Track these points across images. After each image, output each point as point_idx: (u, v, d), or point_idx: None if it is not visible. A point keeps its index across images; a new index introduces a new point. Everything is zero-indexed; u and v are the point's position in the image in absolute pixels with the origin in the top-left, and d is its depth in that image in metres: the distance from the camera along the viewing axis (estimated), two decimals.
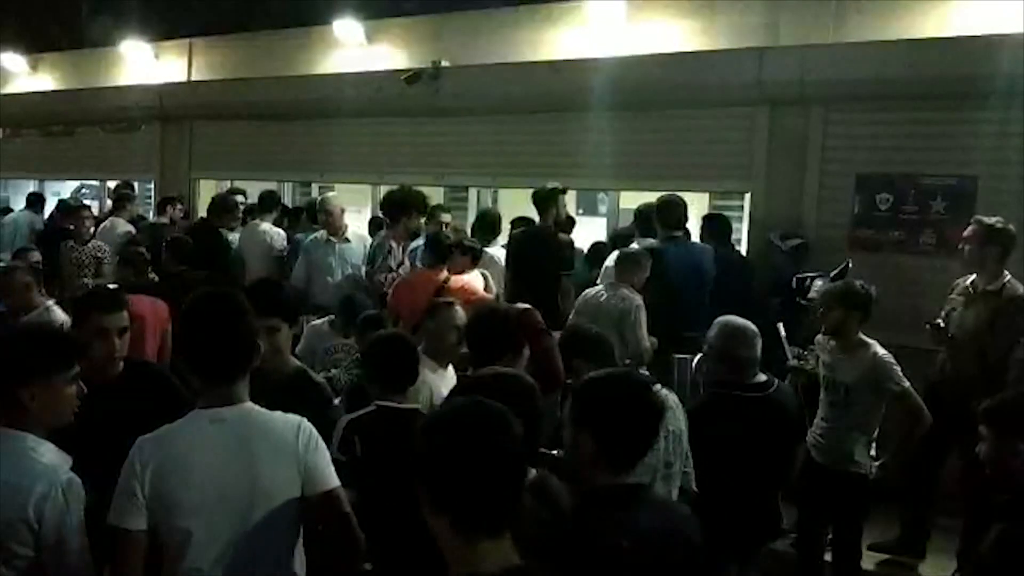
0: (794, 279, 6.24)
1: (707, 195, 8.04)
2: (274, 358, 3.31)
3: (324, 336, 5.71)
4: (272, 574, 2.47)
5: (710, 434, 3.67)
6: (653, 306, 5.70)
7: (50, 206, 11.07)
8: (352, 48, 10.01)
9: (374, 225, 7.81)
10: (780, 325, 5.46)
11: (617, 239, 6.97)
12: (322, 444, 2.52)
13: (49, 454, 2.40)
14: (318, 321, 5.90)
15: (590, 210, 10.24)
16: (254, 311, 2.56)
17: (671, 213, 6.19)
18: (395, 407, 3.39)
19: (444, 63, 8.76)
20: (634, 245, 6.34)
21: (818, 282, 6.01)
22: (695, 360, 5.29)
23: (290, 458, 2.43)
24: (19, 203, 11.19)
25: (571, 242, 6.55)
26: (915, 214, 6.60)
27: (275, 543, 2.45)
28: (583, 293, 5.81)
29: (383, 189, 8.58)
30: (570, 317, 5.58)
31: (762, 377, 3.85)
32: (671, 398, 3.54)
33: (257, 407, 2.50)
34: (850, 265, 6.06)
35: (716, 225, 6.73)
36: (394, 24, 9.91)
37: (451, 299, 4.53)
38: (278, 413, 2.51)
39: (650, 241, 6.34)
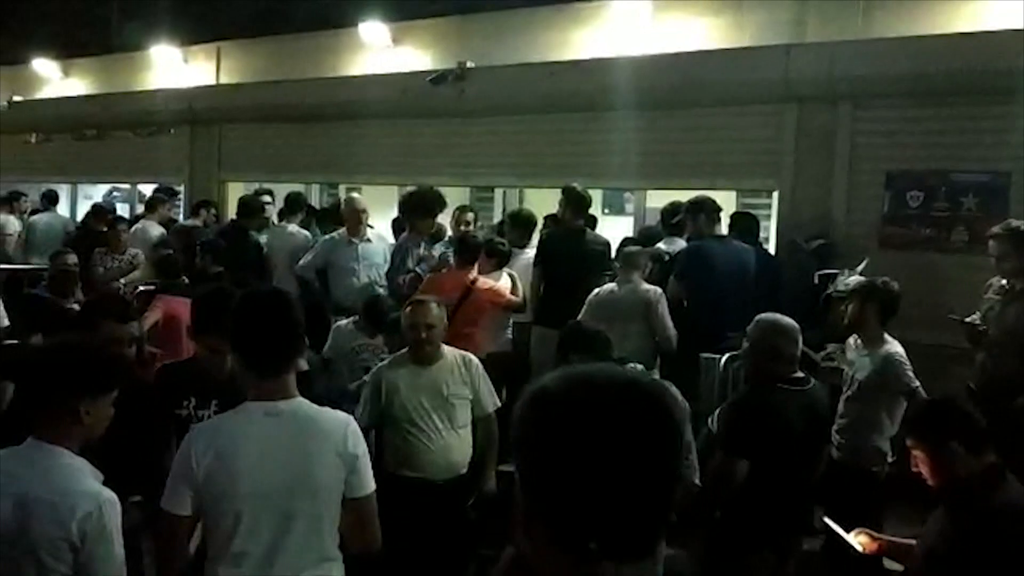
0: (817, 276, 6.19)
1: (734, 194, 8.00)
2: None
3: (350, 336, 5.78)
4: (315, 564, 2.55)
5: (751, 426, 3.67)
6: (693, 304, 5.68)
7: (84, 209, 11.23)
8: (378, 50, 10.07)
9: (397, 226, 7.83)
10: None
11: (644, 239, 6.95)
12: (364, 443, 2.61)
13: (86, 470, 2.42)
14: (343, 322, 5.96)
15: (616, 209, 10.22)
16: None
17: (710, 211, 6.14)
18: None
19: (469, 64, 8.78)
20: (661, 244, 6.34)
21: (841, 278, 5.96)
22: (723, 360, 5.28)
23: (338, 455, 2.53)
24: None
25: (605, 241, 6.54)
26: (946, 211, 6.53)
27: (320, 535, 2.55)
28: (594, 291, 5.80)
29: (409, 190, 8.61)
30: (580, 315, 5.56)
31: (800, 374, 3.86)
32: (669, 390, 3.55)
33: (308, 402, 2.59)
34: (867, 261, 5.98)
35: (745, 224, 6.68)
36: (419, 25, 9.96)
37: (424, 297, 4.57)
38: (327, 409, 2.61)
39: (678, 240, 6.32)
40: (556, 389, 1.14)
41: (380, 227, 7.69)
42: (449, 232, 7.39)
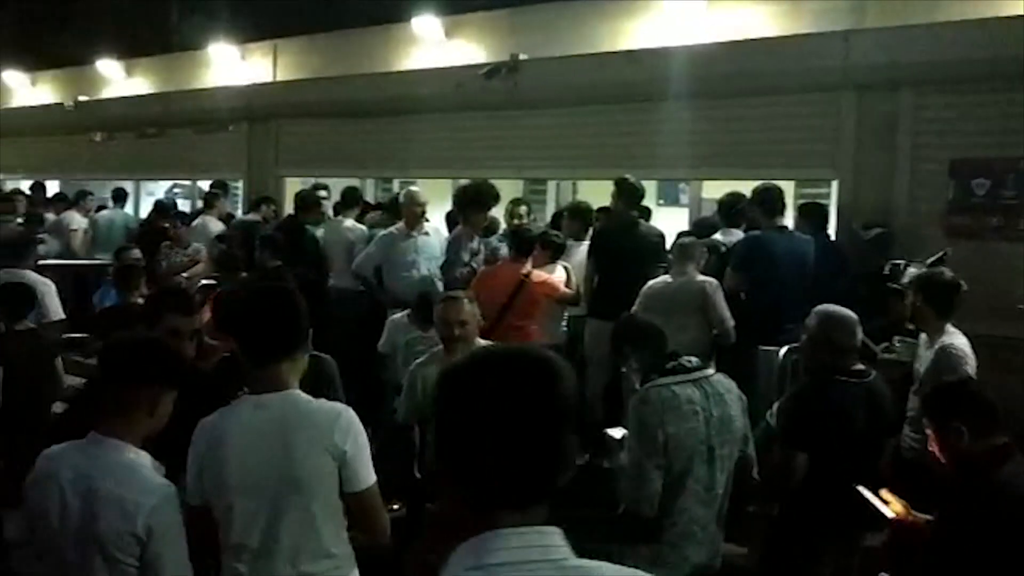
0: (888, 265, 6.05)
1: (792, 184, 7.86)
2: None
3: (404, 329, 5.86)
4: (314, 559, 2.56)
5: (809, 420, 3.63)
6: (753, 295, 5.61)
7: (146, 206, 11.50)
8: (431, 44, 10.12)
9: (450, 220, 7.87)
10: None
11: (700, 230, 6.87)
12: (361, 436, 2.57)
13: (149, 464, 2.47)
14: (398, 315, 6.02)
15: (671, 200, 10.13)
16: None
17: (773, 201, 6.04)
18: None
19: (522, 56, 8.77)
20: (717, 236, 6.26)
21: (911, 269, 5.81)
22: (782, 352, 5.20)
23: (325, 447, 2.50)
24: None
25: (660, 232, 6.49)
26: (1015, 199, 6.33)
27: (315, 530, 2.54)
28: (648, 283, 5.75)
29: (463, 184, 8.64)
30: (634, 307, 5.52)
31: (860, 366, 3.79)
32: (723, 383, 3.53)
33: (303, 395, 2.59)
34: (948, 253, 5.84)
35: (814, 214, 6.55)
36: (472, 19, 9.98)
37: (456, 293, 4.57)
38: (322, 401, 2.61)
39: (735, 232, 6.24)
40: (459, 366, 1.34)
41: (434, 220, 7.73)
42: (503, 225, 7.41)
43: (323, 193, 8.88)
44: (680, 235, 6.83)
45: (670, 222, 7.89)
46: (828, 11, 7.40)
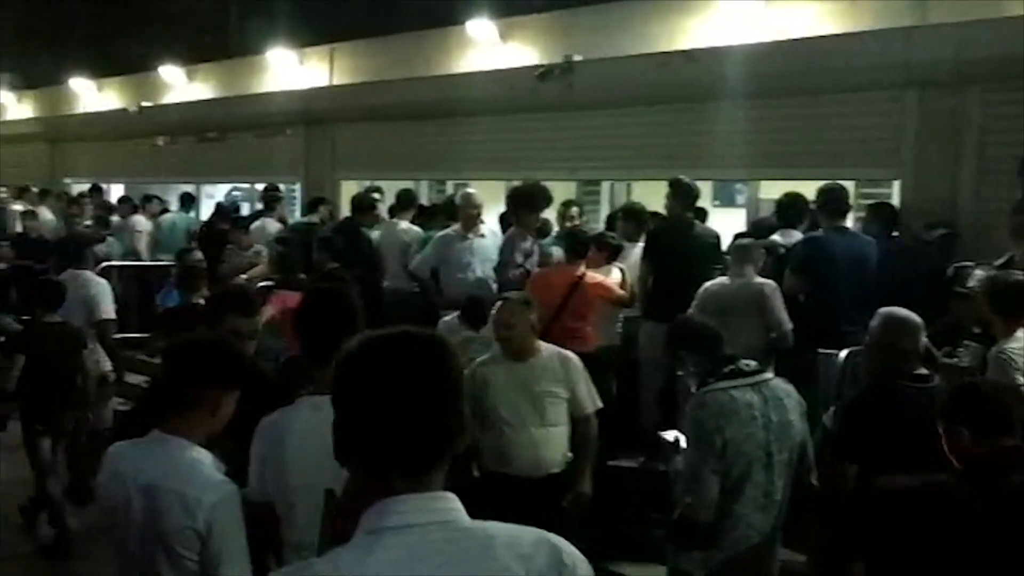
0: (952, 268, 5.90)
1: (852, 184, 7.71)
2: None
3: (455, 330, 5.89)
4: None
5: (862, 427, 3.55)
6: (812, 298, 5.52)
7: (206, 208, 11.75)
8: (486, 46, 10.15)
9: (503, 221, 7.88)
10: None
11: (757, 231, 6.77)
12: None
13: (211, 463, 2.51)
14: (448, 316, 6.08)
15: (726, 201, 10.02)
16: None
17: (836, 202, 5.93)
18: None
19: (576, 57, 8.75)
20: (775, 237, 6.17)
21: (978, 271, 5.65)
22: (842, 355, 5.10)
23: None
24: (174, 205, 11.92)
25: (715, 233, 6.42)
26: None
27: None
28: (704, 285, 5.69)
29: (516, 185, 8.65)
30: (690, 309, 5.47)
31: (923, 371, 3.70)
32: (781, 387, 3.47)
33: None
34: (1015, 257, 5.66)
35: (882, 214, 6.39)
36: (526, 21, 9.99)
37: (510, 295, 4.58)
38: None
39: (794, 233, 6.14)
40: (351, 350, 1.45)
41: (488, 222, 7.75)
42: (555, 227, 7.39)
43: (377, 196, 8.97)
44: (737, 236, 6.75)
45: (726, 223, 7.80)
46: (889, 7, 7.24)
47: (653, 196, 7.59)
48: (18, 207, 13.02)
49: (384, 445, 1.39)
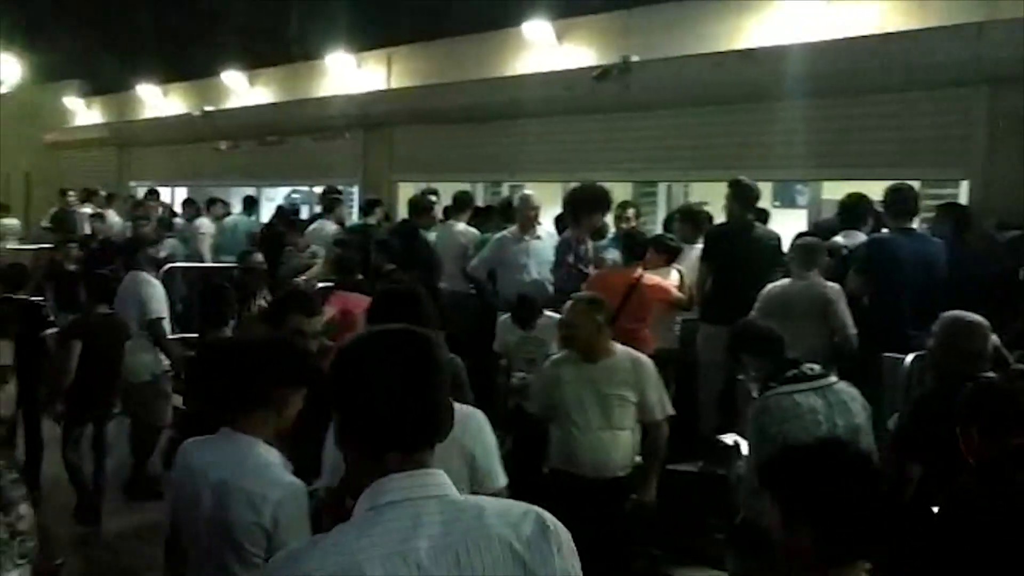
0: (1021, 272, 5.71)
1: (917, 184, 7.52)
2: None
3: (511, 329, 5.99)
4: None
5: (925, 429, 3.46)
6: (876, 300, 5.39)
7: (267, 211, 11.94)
8: (542, 48, 10.15)
9: (560, 223, 7.86)
10: None
11: (820, 232, 6.64)
12: (490, 438, 2.58)
13: (278, 460, 2.55)
14: (504, 316, 6.14)
15: (787, 202, 9.85)
16: None
17: (903, 203, 5.78)
18: None
19: (634, 58, 8.69)
20: (838, 238, 6.04)
21: None
22: (908, 359, 4.97)
23: (455, 450, 2.53)
24: (237, 208, 12.14)
25: (776, 235, 6.31)
26: None
27: None
28: (767, 287, 5.59)
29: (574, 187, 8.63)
30: (752, 311, 5.38)
31: (991, 373, 3.60)
32: (846, 391, 3.38)
33: None
34: None
35: (952, 215, 6.21)
36: (583, 22, 9.96)
37: (577, 296, 4.55)
38: (452, 403, 2.60)
39: (857, 234, 6.00)
40: (349, 343, 1.63)
41: (544, 224, 7.74)
42: (612, 229, 7.35)
43: (433, 198, 9.02)
44: (799, 236, 6.63)
45: (787, 224, 7.67)
46: (958, 3, 7.05)
47: (711, 197, 7.50)
48: (87, 210, 13.42)
49: (384, 426, 1.53)
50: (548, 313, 6.02)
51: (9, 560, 1.80)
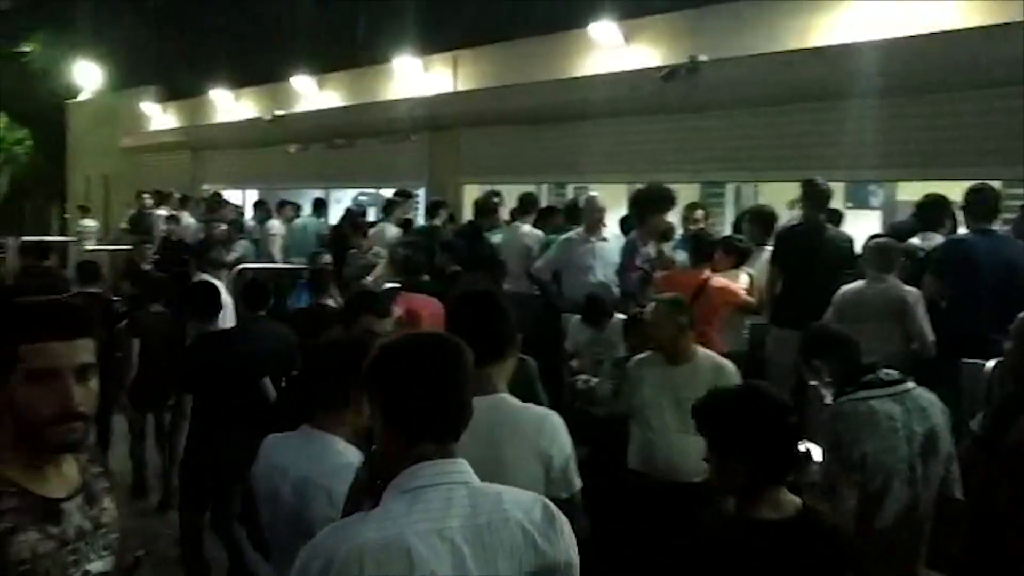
0: None
1: (998, 184, 7.27)
2: None
3: (581, 331, 6.01)
4: None
5: (1008, 435, 3.35)
6: (954, 303, 5.23)
7: (336, 213, 12.12)
8: (609, 49, 10.11)
9: (625, 224, 7.81)
10: None
11: (895, 234, 6.46)
12: (567, 441, 2.57)
13: (356, 458, 2.55)
14: (575, 318, 6.15)
15: (860, 203, 9.61)
16: None
17: (984, 203, 5.59)
18: None
19: (702, 57, 8.60)
20: (915, 240, 5.87)
21: None
22: (989, 365, 4.80)
23: (533, 452, 2.51)
24: (306, 210, 12.34)
25: (848, 237, 6.16)
26: None
27: None
28: (841, 290, 5.46)
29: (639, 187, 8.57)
30: (826, 315, 5.25)
31: None
32: (924, 396, 3.28)
33: (511, 398, 2.60)
34: None
35: None
36: (650, 22, 9.90)
37: (662, 297, 4.54)
38: (530, 405, 2.62)
39: (935, 236, 5.82)
40: (391, 345, 1.84)
41: (610, 225, 7.70)
42: (679, 230, 7.27)
43: (497, 199, 9.04)
44: (872, 238, 6.47)
45: (859, 226, 7.50)
46: None
47: (781, 198, 7.38)
48: (162, 212, 13.81)
49: (422, 418, 1.73)
50: (620, 316, 6.00)
51: (93, 551, 1.85)
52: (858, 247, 6.02)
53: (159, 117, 19.45)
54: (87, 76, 21.45)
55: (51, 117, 22.12)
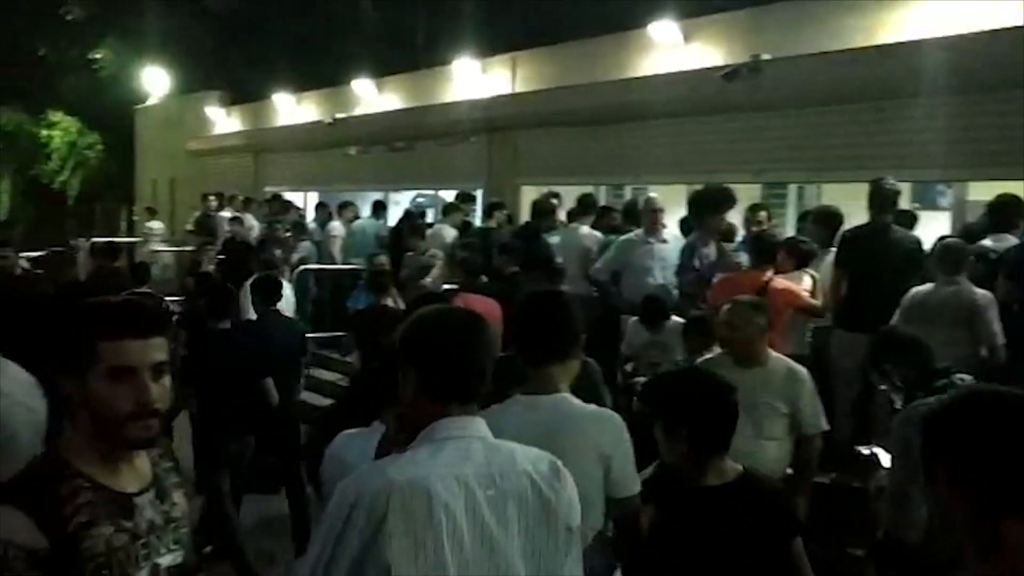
0: None
1: None
2: None
3: (639, 332, 5.98)
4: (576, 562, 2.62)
5: None
6: None
7: (394, 214, 12.23)
8: (668, 48, 10.02)
9: (684, 226, 7.73)
10: None
11: (966, 235, 6.27)
12: (627, 443, 2.59)
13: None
14: (633, 319, 6.12)
15: (928, 204, 9.37)
16: None
17: None
18: None
19: (765, 56, 8.47)
20: (986, 241, 5.70)
21: None
22: None
23: (593, 453, 2.53)
24: (366, 211, 12.47)
25: (916, 239, 6.01)
26: None
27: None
28: (910, 292, 5.32)
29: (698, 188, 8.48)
30: (894, 319, 5.13)
31: None
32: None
33: (573, 399, 2.62)
34: None
35: None
36: (711, 21, 9.79)
37: (742, 298, 4.43)
38: (591, 407, 2.64)
39: (1008, 237, 5.65)
40: (421, 317, 2.04)
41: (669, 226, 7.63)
42: (741, 231, 7.18)
43: (555, 200, 9.02)
44: (940, 239, 6.30)
45: (927, 227, 7.31)
46: None
47: (844, 199, 7.23)
48: (226, 214, 14.10)
49: (452, 381, 1.95)
50: (677, 319, 5.95)
51: (164, 545, 1.89)
52: (927, 249, 5.87)
53: (223, 121, 19.84)
54: (155, 82, 22.01)
55: (120, 122, 22.75)
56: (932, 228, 7.27)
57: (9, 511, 1.67)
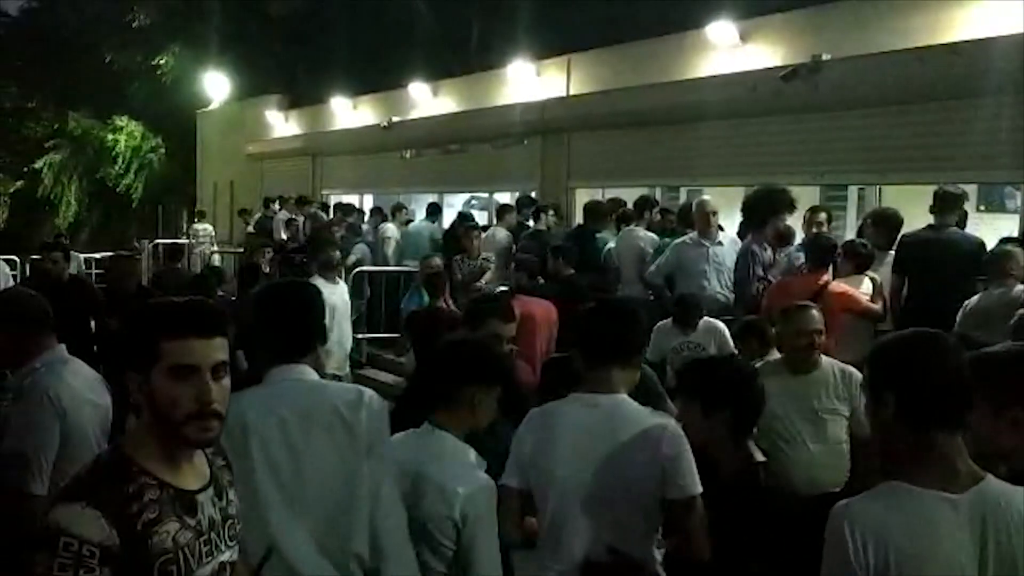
0: None
1: None
2: None
3: (669, 335, 5.85)
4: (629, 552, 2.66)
5: None
6: None
7: (448, 216, 12.29)
8: (725, 49, 9.91)
9: (744, 229, 7.62)
10: None
11: None
12: (685, 446, 2.64)
13: (471, 456, 2.65)
14: (663, 322, 5.99)
15: (995, 206, 9.11)
16: None
17: None
18: None
19: (825, 56, 8.32)
20: None
21: None
22: None
23: (653, 456, 2.59)
24: (420, 214, 12.56)
25: (978, 241, 5.85)
26: None
27: (630, 528, 2.65)
28: (975, 297, 5.19)
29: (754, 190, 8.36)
30: (957, 324, 4.99)
31: None
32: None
33: (630, 400, 2.70)
34: None
35: None
36: (770, 21, 9.66)
37: (806, 303, 4.37)
38: (647, 410, 2.71)
39: None
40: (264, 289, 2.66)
41: (728, 230, 7.54)
42: (800, 234, 7.06)
43: (609, 203, 8.97)
44: (1003, 241, 6.12)
45: (994, 230, 7.11)
46: None
47: (906, 202, 7.07)
48: (282, 216, 14.32)
49: (278, 340, 2.46)
50: (709, 319, 5.87)
51: (223, 542, 1.92)
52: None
53: (281, 125, 20.15)
54: (216, 86, 22.46)
55: (183, 126, 23.27)
56: (999, 231, 7.06)
57: (80, 508, 1.71)
